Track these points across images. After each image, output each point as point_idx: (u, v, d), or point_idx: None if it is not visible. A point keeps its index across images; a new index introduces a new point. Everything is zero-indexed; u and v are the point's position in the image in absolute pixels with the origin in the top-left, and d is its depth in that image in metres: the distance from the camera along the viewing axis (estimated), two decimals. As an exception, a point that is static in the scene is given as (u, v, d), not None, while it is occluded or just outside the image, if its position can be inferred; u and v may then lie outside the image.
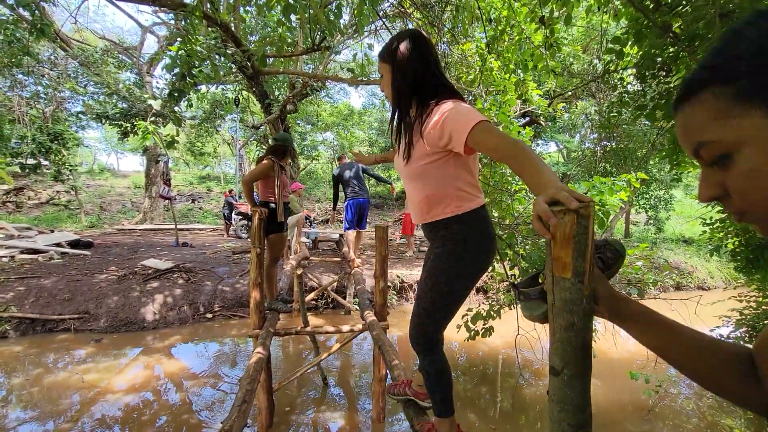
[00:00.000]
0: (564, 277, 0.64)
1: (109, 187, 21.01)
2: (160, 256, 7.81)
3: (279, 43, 2.92)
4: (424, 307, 1.35)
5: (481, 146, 1.06)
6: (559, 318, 0.67)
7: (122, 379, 4.29)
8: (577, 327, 0.66)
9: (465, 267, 1.29)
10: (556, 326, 0.69)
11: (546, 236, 0.67)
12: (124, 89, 9.69)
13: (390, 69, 1.30)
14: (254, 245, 3.10)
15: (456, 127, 1.10)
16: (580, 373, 0.69)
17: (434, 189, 1.29)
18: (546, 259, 0.68)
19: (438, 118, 1.16)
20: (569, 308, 0.65)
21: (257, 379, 2.10)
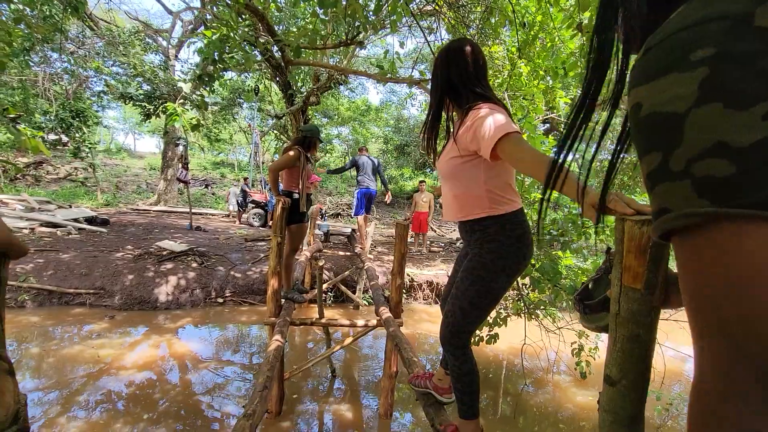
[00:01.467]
0: (634, 287, 0.64)
1: (125, 167, 21.33)
2: (174, 238, 7.92)
3: (313, 35, 2.93)
4: (461, 306, 1.37)
5: (508, 157, 1.11)
6: (623, 328, 0.67)
7: (133, 356, 4.37)
8: (642, 339, 0.66)
9: (501, 269, 1.32)
10: (617, 336, 0.69)
11: (595, 222, 0.70)
12: (149, 71, 9.81)
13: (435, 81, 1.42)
14: (275, 234, 3.13)
15: (485, 135, 1.15)
16: (637, 385, 0.69)
17: (464, 189, 1.36)
18: (615, 266, 0.68)
19: (470, 123, 1.23)
20: (635, 319, 0.66)
21: (276, 366, 2.13)
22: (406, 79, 4.16)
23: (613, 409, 0.72)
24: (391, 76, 3.57)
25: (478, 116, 1.20)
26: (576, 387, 4.45)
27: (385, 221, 16.50)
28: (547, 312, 3.74)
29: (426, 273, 7.59)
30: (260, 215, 11.47)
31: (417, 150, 22.63)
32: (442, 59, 1.38)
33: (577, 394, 4.30)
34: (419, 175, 23.02)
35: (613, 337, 0.70)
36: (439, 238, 12.58)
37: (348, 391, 4.16)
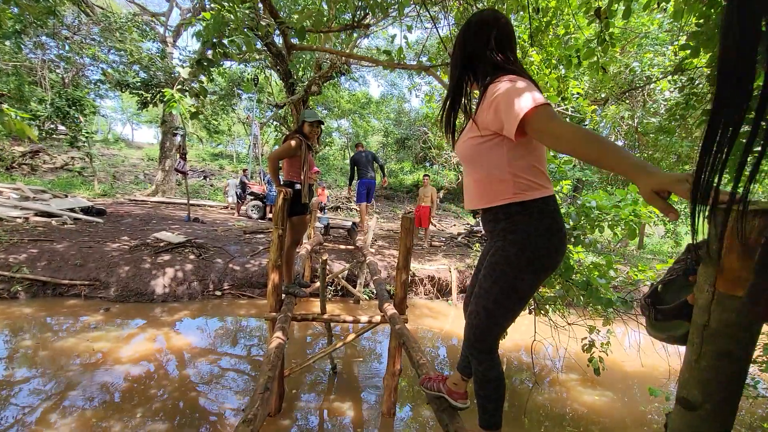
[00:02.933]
0: (733, 295, 0.52)
1: (123, 157, 21.10)
2: (172, 229, 7.78)
3: (318, 16, 2.78)
4: (485, 306, 1.24)
5: (539, 134, 0.95)
6: (713, 343, 0.55)
7: (129, 349, 4.27)
8: (735, 356, 0.54)
9: (529, 263, 1.17)
10: (703, 351, 0.57)
11: (671, 216, 0.60)
12: (146, 58, 9.59)
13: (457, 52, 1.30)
14: (276, 226, 3.00)
15: (509, 110, 1.00)
16: (724, 411, 0.57)
17: (485, 173, 1.21)
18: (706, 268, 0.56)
19: (490, 100, 1.10)
20: (730, 333, 0.53)
21: (278, 365, 2.02)
22: (415, 66, 4.00)
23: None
24: (399, 63, 3.43)
25: (498, 90, 1.06)
26: (583, 386, 4.36)
27: (385, 215, 16.37)
28: (557, 307, 3.64)
29: (427, 268, 7.48)
30: (259, 207, 11.33)
31: (417, 143, 22.44)
32: (462, 33, 1.27)
33: (584, 394, 4.22)
34: (420, 169, 22.87)
35: (696, 352, 0.58)
36: (440, 233, 12.46)
37: (349, 388, 4.06)
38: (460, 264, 7.76)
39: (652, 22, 6.88)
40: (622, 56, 6.92)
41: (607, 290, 3.13)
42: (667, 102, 6.37)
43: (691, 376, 0.58)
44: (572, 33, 3.57)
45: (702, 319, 0.56)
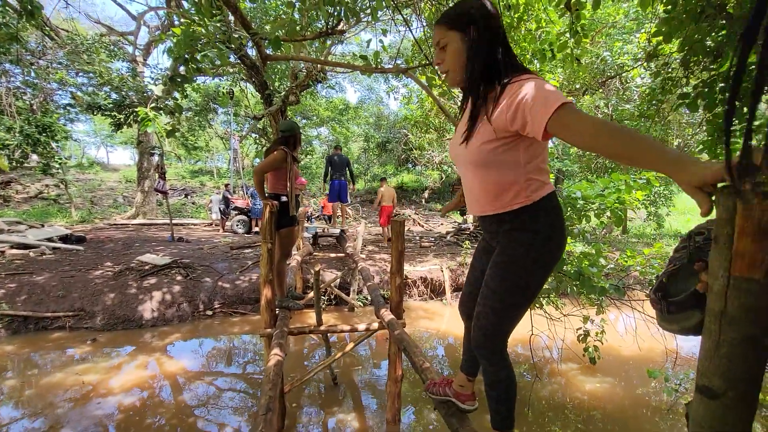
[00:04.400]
0: (752, 277, 0.51)
1: (100, 181, 20.56)
2: (156, 251, 7.59)
3: (291, 25, 2.75)
4: (493, 306, 1.21)
5: (568, 131, 0.89)
6: (733, 329, 0.54)
7: (121, 379, 4.12)
8: (759, 340, 0.53)
9: (536, 260, 1.16)
10: (722, 339, 0.55)
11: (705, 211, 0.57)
12: (116, 79, 9.37)
13: (461, 38, 1.13)
14: (265, 240, 2.94)
15: (534, 110, 0.95)
16: (748, 398, 0.56)
17: (498, 177, 1.15)
18: (718, 253, 0.54)
19: (511, 100, 1.02)
20: (752, 318, 0.52)
21: (278, 384, 1.96)
22: (393, 69, 4.00)
23: (713, 426, 0.59)
24: (377, 67, 3.41)
25: (522, 90, 1.00)
26: (583, 374, 4.39)
27: (373, 219, 16.33)
28: (551, 299, 3.66)
29: (419, 269, 7.47)
30: (244, 222, 11.17)
31: (399, 146, 22.51)
32: (486, 19, 1.10)
33: (584, 382, 4.25)
34: (403, 171, 22.94)
35: (714, 341, 0.57)
36: (428, 233, 12.49)
37: (351, 397, 4.01)
38: (452, 263, 7.77)
39: (618, 12, 7.05)
40: (593, 47, 7.07)
41: (599, 278, 3.16)
42: (639, 89, 6.54)
43: (711, 364, 0.57)
44: (544, 27, 3.62)
45: (718, 306, 0.55)
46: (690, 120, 8.07)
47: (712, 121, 2.15)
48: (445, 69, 1.21)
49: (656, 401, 3.99)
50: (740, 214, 0.50)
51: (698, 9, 2.03)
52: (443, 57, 1.19)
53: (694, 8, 2.00)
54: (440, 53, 1.19)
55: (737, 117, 2.09)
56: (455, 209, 1.62)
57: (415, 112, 13.10)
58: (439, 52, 1.20)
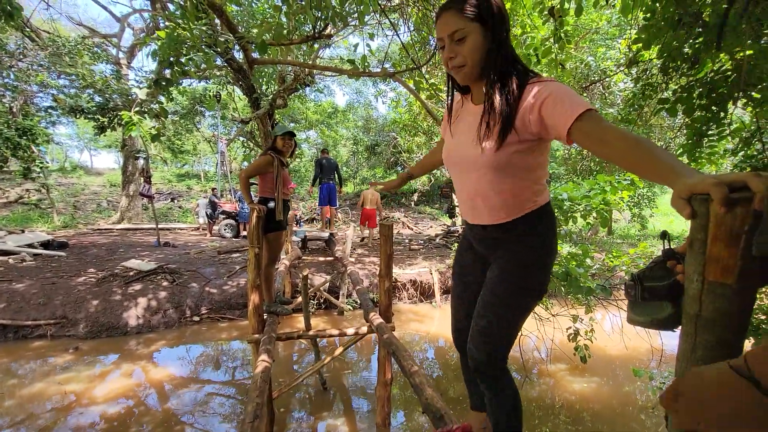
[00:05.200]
0: (724, 282, 0.52)
1: (83, 185, 20.14)
2: (142, 256, 7.46)
3: (278, 29, 2.74)
4: (503, 316, 1.16)
5: (588, 139, 0.86)
6: (708, 332, 0.55)
7: (104, 387, 4.03)
8: (732, 343, 0.55)
9: (543, 264, 1.16)
10: (698, 341, 0.57)
11: (686, 215, 0.56)
12: (100, 81, 9.20)
13: (481, 30, 1.01)
14: (252, 245, 2.92)
15: (559, 113, 0.92)
16: (724, 398, 0.57)
17: (518, 182, 1.10)
18: (693, 257, 0.56)
19: (534, 101, 0.97)
20: (725, 321, 0.54)
21: (266, 390, 1.94)
22: (380, 73, 4.02)
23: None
24: (364, 71, 3.42)
25: (545, 91, 0.96)
26: (572, 375, 4.45)
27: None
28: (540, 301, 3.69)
29: (409, 272, 7.48)
30: (232, 226, 11.05)
31: (388, 149, 22.54)
32: (505, 11, 1.03)
33: (572, 382, 4.30)
34: (392, 174, 22.95)
35: (690, 343, 0.58)
36: (417, 236, 12.52)
37: (341, 402, 3.98)
38: (441, 265, 7.80)
39: (601, 18, 7.20)
40: (577, 52, 7.20)
41: (586, 279, 3.21)
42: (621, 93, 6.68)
43: (688, 366, 0.58)
44: (529, 32, 3.67)
45: (694, 309, 0.56)
46: (671, 124, 8.27)
47: (690, 125, 2.21)
48: (459, 63, 1.06)
49: (642, 399, 4.06)
50: (713, 220, 0.52)
51: (676, 17, 2.09)
52: (458, 50, 1.04)
53: (672, 16, 2.06)
54: (454, 46, 1.04)
55: (714, 121, 2.16)
56: (393, 189, 1.54)
57: (404, 115, 13.15)
58: (453, 45, 1.04)
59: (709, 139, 2.34)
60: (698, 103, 2.16)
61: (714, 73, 2.10)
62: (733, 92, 2.08)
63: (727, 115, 2.22)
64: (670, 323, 0.66)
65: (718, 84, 2.08)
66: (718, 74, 2.08)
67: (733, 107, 2.17)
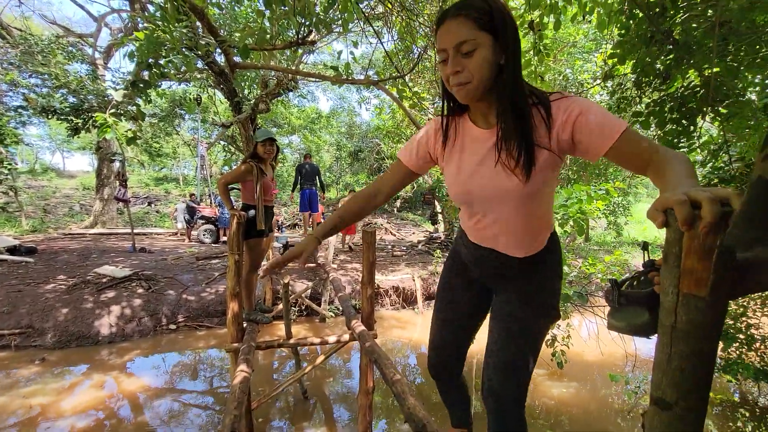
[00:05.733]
0: (698, 295, 0.54)
1: (54, 188, 19.41)
2: (116, 262, 7.21)
3: (261, 34, 2.72)
4: (531, 345, 1.11)
5: (628, 153, 0.82)
6: (683, 343, 0.57)
7: (73, 400, 3.86)
8: (705, 353, 0.56)
9: (558, 285, 1.15)
10: (674, 352, 0.58)
11: (658, 225, 0.56)
12: (74, 82, 8.91)
13: (492, 42, 0.87)
14: (232, 251, 2.85)
15: (597, 132, 0.85)
16: (697, 407, 0.59)
17: (544, 207, 1.04)
18: (668, 270, 0.57)
19: (565, 120, 0.89)
20: (699, 333, 0.55)
21: (244, 402, 1.89)
22: (363, 81, 4.03)
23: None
24: (347, 78, 3.43)
25: (575, 108, 0.88)
26: (550, 380, 4.51)
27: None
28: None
29: (391, 278, 7.48)
30: (211, 231, 10.83)
31: (371, 155, 22.61)
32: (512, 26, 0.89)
33: (551, 387, 4.36)
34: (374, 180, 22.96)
35: (666, 353, 0.59)
36: (400, 242, 12.55)
37: (322, 411, 3.92)
38: (423, 272, 7.83)
39: (578, 32, 7.45)
40: (555, 64, 7.42)
41: (563, 286, 3.28)
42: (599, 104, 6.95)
43: (664, 376, 0.60)
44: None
45: (669, 320, 0.58)
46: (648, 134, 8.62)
47: (663, 137, 2.30)
48: (464, 79, 0.91)
49: (619, 403, 4.14)
50: (686, 235, 0.53)
51: (648, 34, 2.18)
52: (464, 64, 0.89)
53: (645, 33, 2.15)
54: (460, 59, 0.89)
55: (685, 134, 2.25)
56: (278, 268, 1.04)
57: (387, 122, 13.22)
58: (459, 58, 0.89)
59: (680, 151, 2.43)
60: (669, 117, 2.25)
61: (684, 89, 2.20)
62: (701, 107, 2.17)
63: (697, 129, 2.32)
64: (647, 330, 0.67)
65: (688, 99, 2.17)
66: (688, 90, 2.18)
67: (702, 121, 2.27)
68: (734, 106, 2.07)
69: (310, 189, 7.92)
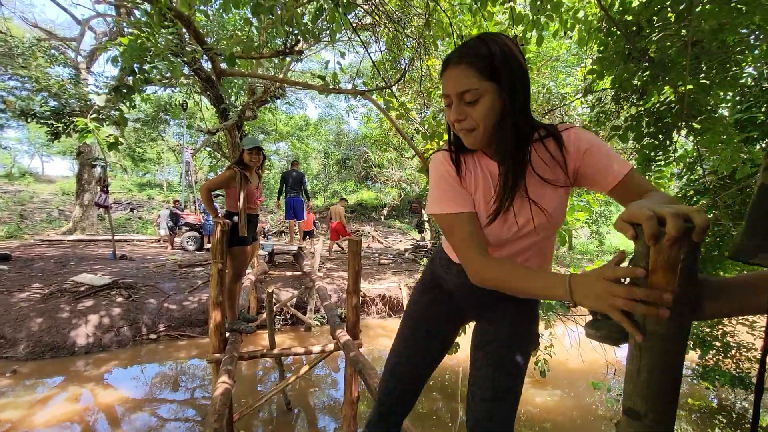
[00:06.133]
0: (664, 308, 0.56)
1: (32, 193, 18.84)
2: (95, 270, 7.03)
3: (248, 42, 2.72)
4: (520, 374, 1.08)
5: (628, 194, 0.85)
6: (650, 355, 0.59)
7: (47, 413, 3.72)
8: (671, 364, 0.58)
9: (538, 311, 1.20)
10: (642, 364, 0.60)
11: (629, 237, 0.58)
12: (55, 85, 8.74)
13: (497, 90, 0.85)
14: (215, 260, 2.82)
15: (605, 168, 0.88)
16: (667, 417, 0.61)
17: (554, 239, 1.07)
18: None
19: (575, 151, 0.91)
20: (665, 345, 0.57)
21: (225, 414, 1.86)
22: (350, 91, 4.06)
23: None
24: (334, 87, 3.45)
25: (583, 142, 0.90)
26: (534, 388, 4.54)
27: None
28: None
29: (378, 287, 7.46)
30: (195, 238, 10.66)
31: (359, 163, 22.66)
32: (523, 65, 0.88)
33: (535, 395, 4.39)
34: (362, 188, 23.03)
35: (636, 365, 0.61)
36: (387, 250, 12.55)
37: (306, 422, 3.87)
38: (410, 280, 7.83)
39: (561, 47, 7.66)
40: (539, 77, 7.59)
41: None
42: (580, 116, 7.11)
43: (634, 387, 0.61)
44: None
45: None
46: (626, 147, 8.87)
47: (640, 151, 2.37)
48: (469, 127, 0.90)
49: (602, 411, 4.20)
50: (652, 249, 0.56)
51: (626, 51, 2.26)
52: (468, 112, 0.88)
53: (623, 51, 2.22)
54: (464, 107, 0.88)
55: (661, 148, 2.32)
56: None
57: (375, 131, 13.30)
58: (462, 106, 0.88)
59: (657, 164, 2.51)
60: (646, 131, 2.33)
61: (660, 104, 2.28)
62: (676, 122, 2.25)
63: (673, 143, 2.40)
64: (621, 339, 0.69)
65: (663, 114, 2.25)
66: (664, 105, 2.26)
67: (677, 136, 2.35)
68: (707, 121, 2.15)
69: (296, 197, 7.91)
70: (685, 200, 3.29)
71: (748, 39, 2.08)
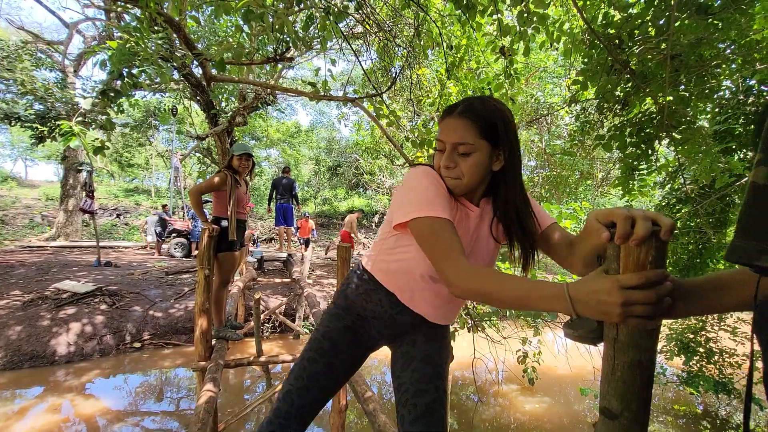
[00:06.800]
0: (633, 308, 0.58)
1: (14, 198, 18.44)
2: (78, 277, 6.87)
3: (239, 48, 2.73)
4: (444, 382, 1.10)
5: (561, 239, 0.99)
6: (624, 355, 0.60)
7: (24, 425, 3.61)
8: (644, 364, 0.60)
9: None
10: (617, 363, 0.62)
11: (604, 239, 0.60)
12: (41, 89, 8.61)
13: (489, 151, 0.94)
14: (201, 266, 2.79)
15: (543, 215, 1.03)
16: (641, 416, 0.62)
17: None
18: None
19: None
20: (637, 344, 0.59)
21: (209, 423, 1.83)
22: (341, 98, 4.09)
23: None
24: (325, 94, 3.47)
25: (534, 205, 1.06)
26: (524, 395, 4.55)
27: (322, 243, 16.11)
28: (492, 323, 3.80)
29: (367, 294, 7.43)
30: (183, 245, 10.52)
31: (350, 170, 22.68)
32: (516, 137, 0.98)
33: (525, 402, 4.40)
34: (353, 195, 23.04)
35: (610, 365, 0.63)
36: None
37: None
38: (399, 287, 7.82)
39: (548, 58, 7.83)
40: (527, 87, 7.75)
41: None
42: (567, 126, 7.26)
43: (609, 387, 0.63)
44: (483, 67, 3.90)
45: (612, 333, 0.61)
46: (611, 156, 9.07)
47: (623, 159, 2.43)
48: (455, 176, 0.95)
49: (591, 417, 4.22)
50: (623, 251, 0.58)
51: (609, 63, 2.33)
52: (458, 161, 0.94)
53: (606, 63, 2.29)
54: (455, 157, 0.94)
55: (644, 158, 2.38)
56: None
57: (366, 138, 13.34)
58: (455, 156, 0.94)
59: (640, 173, 2.58)
60: (629, 141, 2.39)
61: (642, 115, 2.34)
62: (658, 132, 2.31)
63: (655, 153, 2.46)
64: (597, 338, 0.70)
65: (645, 124, 2.32)
66: (645, 116, 2.32)
67: (659, 146, 2.42)
68: (687, 132, 2.22)
69: (287, 203, 7.92)
70: (668, 208, 3.36)
71: (725, 53, 2.16)
